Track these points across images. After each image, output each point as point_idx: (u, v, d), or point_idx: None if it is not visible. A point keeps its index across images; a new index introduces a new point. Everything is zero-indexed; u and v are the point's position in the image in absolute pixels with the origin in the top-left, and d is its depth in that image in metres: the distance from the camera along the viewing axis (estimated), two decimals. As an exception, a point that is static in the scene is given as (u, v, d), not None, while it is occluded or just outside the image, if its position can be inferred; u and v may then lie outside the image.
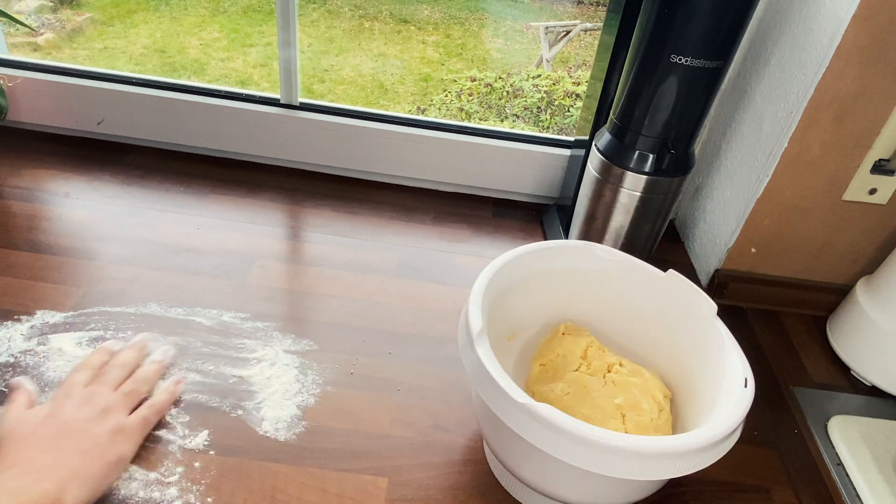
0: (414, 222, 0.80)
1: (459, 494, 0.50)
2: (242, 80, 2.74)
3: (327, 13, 4.24)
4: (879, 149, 0.63)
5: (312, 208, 0.80)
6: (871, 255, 0.71)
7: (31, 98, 0.83)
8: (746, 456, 0.56)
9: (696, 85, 0.57)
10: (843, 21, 0.57)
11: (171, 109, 0.83)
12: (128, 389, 0.50)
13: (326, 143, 0.84)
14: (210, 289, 0.65)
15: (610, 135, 0.64)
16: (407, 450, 0.52)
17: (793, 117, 0.63)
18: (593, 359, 0.53)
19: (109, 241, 0.69)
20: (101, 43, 2.76)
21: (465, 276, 0.72)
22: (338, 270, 0.70)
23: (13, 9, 2.55)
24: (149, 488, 0.46)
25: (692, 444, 0.39)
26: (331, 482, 0.49)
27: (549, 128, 3.41)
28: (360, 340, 0.62)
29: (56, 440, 0.44)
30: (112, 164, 0.82)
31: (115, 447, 0.46)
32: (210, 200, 0.78)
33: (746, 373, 0.45)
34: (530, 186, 0.86)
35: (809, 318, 0.74)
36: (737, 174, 0.73)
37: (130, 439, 0.47)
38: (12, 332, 0.56)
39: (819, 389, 0.64)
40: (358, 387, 0.57)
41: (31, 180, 0.77)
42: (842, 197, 0.67)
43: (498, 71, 3.89)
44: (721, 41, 0.55)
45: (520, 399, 0.39)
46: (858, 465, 0.55)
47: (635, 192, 0.63)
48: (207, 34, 3.03)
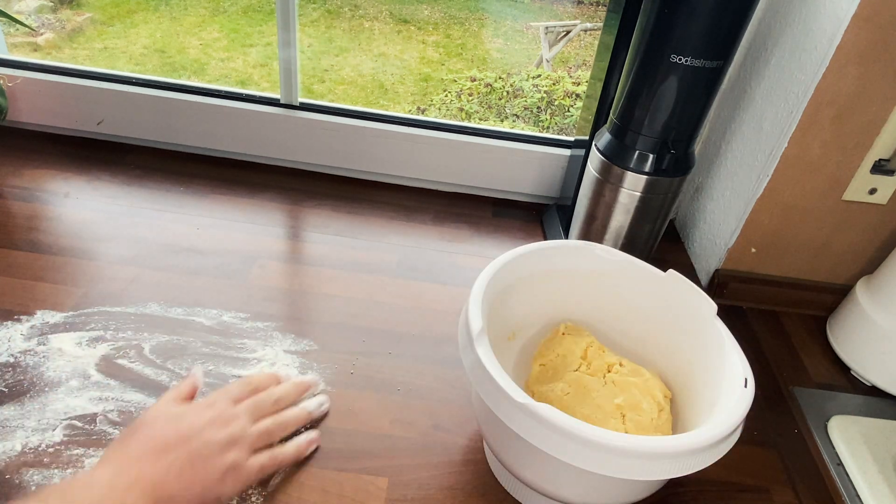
0: (414, 222, 0.80)
1: (459, 494, 0.50)
2: (242, 80, 2.75)
3: (327, 13, 4.24)
4: (879, 149, 0.63)
5: (312, 208, 0.80)
6: (871, 255, 0.71)
7: (31, 98, 0.83)
8: (746, 456, 0.56)
9: (696, 85, 0.57)
10: (843, 21, 0.57)
11: (171, 109, 0.83)
12: (264, 428, 0.47)
13: (326, 143, 0.84)
14: (210, 289, 0.65)
15: (610, 135, 0.64)
16: (407, 450, 0.52)
17: (793, 117, 0.63)
18: (593, 359, 0.53)
19: (109, 241, 0.69)
20: (101, 43, 2.77)
21: (465, 276, 0.72)
22: (338, 270, 0.70)
23: (13, 9, 2.56)
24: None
25: (692, 444, 0.39)
26: (331, 482, 0.49)
27: (549, 128, 3.41)
28: (360, 340, 0.62)
29: (175, 452, 0.41)
30: (112, 164, 0.82)
31: (220, 486, 0.42)
32: (210, 200, 0.78)
33: (746, 373, 0.45)
34: (530, 186, 0.86)
35: (809, 318, 0.74)
36: (737, 174, 0.73)
37: (237, 482, 0.43)
38: (12, 332, 0.56)
39: (819, 389, 0.64)
40: (358, 387, 0.57)
41: (31, 180, 0.77)
42: (842, 197, 0.67)
43: (498, 71, 3.89)
44: (721, 41, 0.55)
45: (520, 399, 0.39)
46: (858, 465, 0.55)
47: (635, 192, 0.63)
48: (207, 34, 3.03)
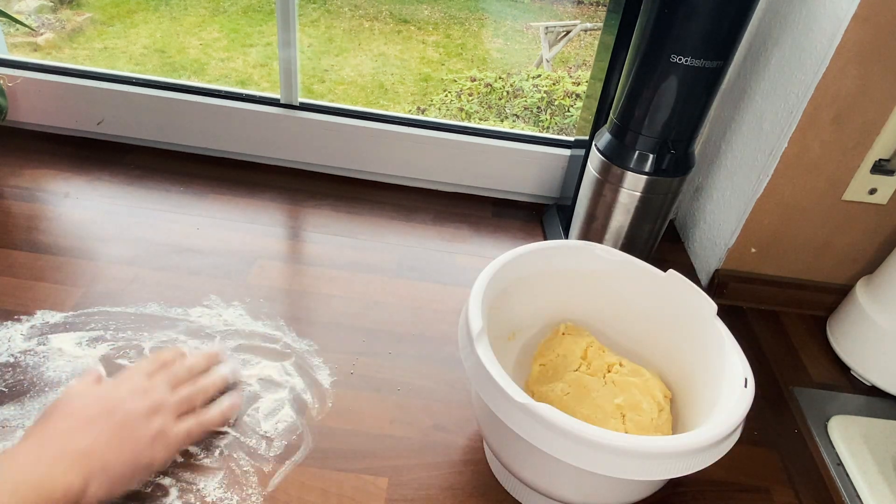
0: (414, 222, 0.80)
1: (459, 494, 0.50)
2: (242, 80, 2.74)
3: (327, 13, 4.24)
4: (879, 149, 0.63)
5: (312, 208, 0.80)
6: (871, 255, 0.71)
7: (31, 98, 0.83)
8: (746, 456, 0.56)
9: (696, 85, 0.57)
10: (843, 21, 0.57)
11: (171, 109, 0.83)
12: (185, 394, 0.48)
13: (326, 143, 0.84)
14: (210, 289, 0.65)
15: (610, 135, 0.64)
16: (407, 450, 0.52)
17: (793, 117, 0.63)
18: (593, 359, 0.53)
19: (109, 241, 0.69)
20: (101, 43, 2.76)
21: (465, 276, 0.72)
22: (338, 270, 0.70)
23: (13, 9, 2.56)
24: (148, 486, 0.46)
25: (692, 444, 0.39)
26: (331, 482, 0.49)
27: (549, 128, 3.41)
28: (360, 340, 0.62)
29: (99, 424, 0.43)
30: (112, 164, 0.82)
31: (150, 451, 0.44)
32: (210, 200, 0.78)
33: (746, 373, 0.45)
34: (530, 186, 0.86)
35: (809, 318, 0.74)
36: (737, 174, 0.73)
37: (168, 448, 0.45)
38: (12, 332, 0.56)
39: (819, 389, 0.64)
40: (358, 387, 0.57)
41: (31, 180, 0.77)
42: (842, 197, 0.67)
43: (498, 71, 3.89)
44: (721, 41, 0.55)
45: (520, 399, 0.39)
46: (858, 465, 0.55)
47: (635, 192, 0.63)
48: (207, 34, 3.03)
